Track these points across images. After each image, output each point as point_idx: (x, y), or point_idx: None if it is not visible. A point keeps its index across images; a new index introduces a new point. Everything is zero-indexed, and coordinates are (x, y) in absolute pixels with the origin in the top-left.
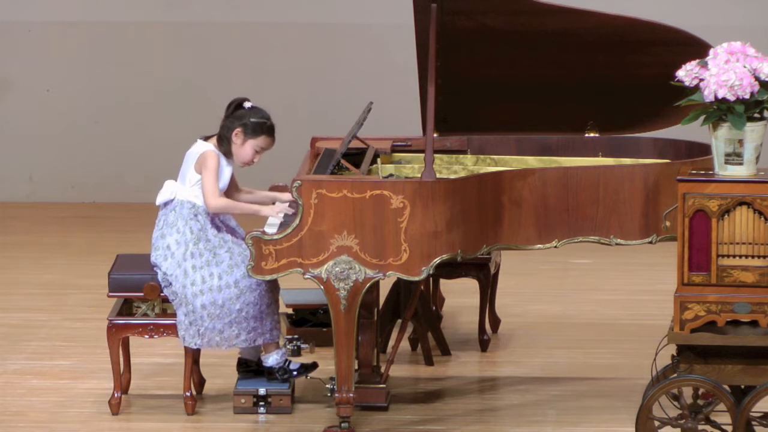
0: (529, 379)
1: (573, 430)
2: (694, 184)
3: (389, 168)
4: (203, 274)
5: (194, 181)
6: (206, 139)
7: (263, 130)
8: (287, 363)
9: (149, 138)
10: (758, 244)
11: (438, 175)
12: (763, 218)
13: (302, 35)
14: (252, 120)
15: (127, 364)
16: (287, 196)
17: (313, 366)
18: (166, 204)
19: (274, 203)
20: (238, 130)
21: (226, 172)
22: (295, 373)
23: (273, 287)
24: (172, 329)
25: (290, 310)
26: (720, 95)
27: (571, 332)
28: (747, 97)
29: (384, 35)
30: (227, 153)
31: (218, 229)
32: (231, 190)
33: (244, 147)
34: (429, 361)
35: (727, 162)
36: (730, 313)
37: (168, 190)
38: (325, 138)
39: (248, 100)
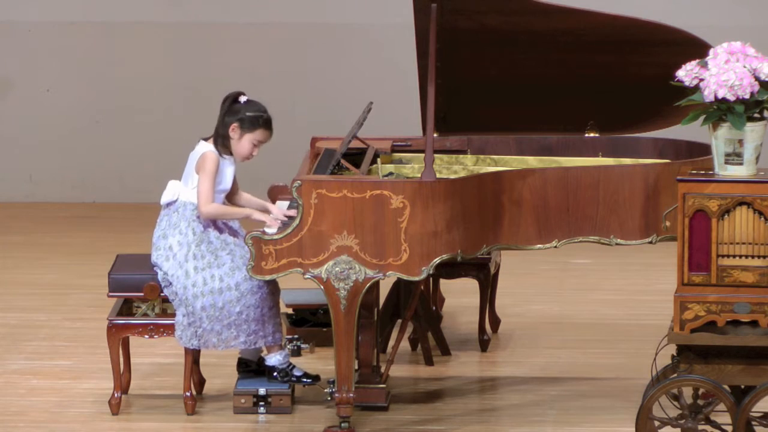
0: (529, 379)
1: (573, 430)
2: (694, 184)
3: (389, 168)
4: (204, 276)
5: (196, 182)
6: (207, 139)
7: (260, 123)
8: (291, 367)
9: (149, 138)
10: (758, 244)
11: (438, 175)
12: (763, 218)
13: (302, 35)
14: (248, 114)
15: (127, 364)
16: (276, 208)
17: (316, 378)
18: (168, 204)
19: (272, 198)
20: (234, 125)
21: (228, 173)
22: (294, 379)
23: (274, 290)
24: (171, 329)
25: (290, 310)
26: (720, 95)
27: (571, 332)
28: (747, 97)
29: (384, 35)
30: (225, 150)
31: (220, 231)
32: (230, 192)
33: (242, 142)
34: (429, 361)
35: (727, 162)
36: (730, 313)
37: (171, 191)
38: (325, 138)
39: (243, 94)
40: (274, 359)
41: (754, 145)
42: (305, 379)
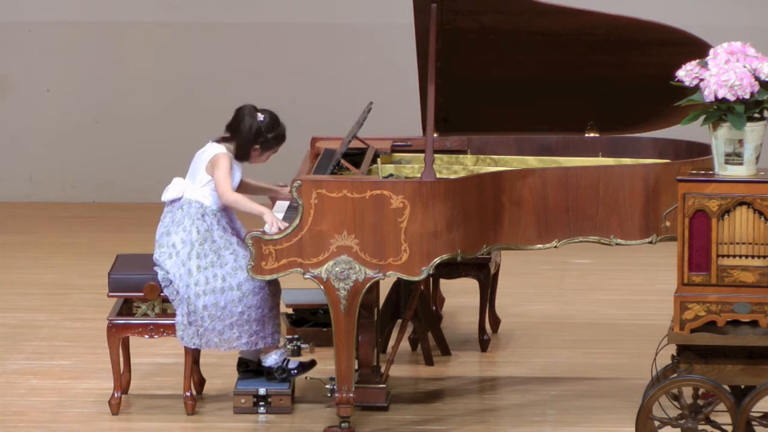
0: (529, 379)
1: (573, 430)
2: (694, 184)
3: (389, 168)
4: (207, 275)
5: (204, 181)
6: (219, 142)
7: (278, 141)
8: (285, 362)
9: (149, 138)
10: (758, 244)
11: (438, 175)
12: (763, 218)
13: (302, 35)
14: (269, 136)
15: (127, 364)
16: (285, 190)
17: (312, 364)
18: (173, 201)
19: (272, 198)
20: (257, 147)
21: (237, 175)
22: (294, 371)
23: (275, 291)
24: (172, 329)
25: (290, 310)
26: (720, 95)
27: (571, 332)
28: (747, 97)
29: (384, 35)
30: (241, 161)
31: (224, 230)
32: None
33: (263, 157)
34: (429, 361)
35: (727, 162)
36: (730, 313)
37: (176, 188)
38: (325, 138)
39: (257, 111)
40: (270, 359)
41: (754, 145)
42: (301, 369)
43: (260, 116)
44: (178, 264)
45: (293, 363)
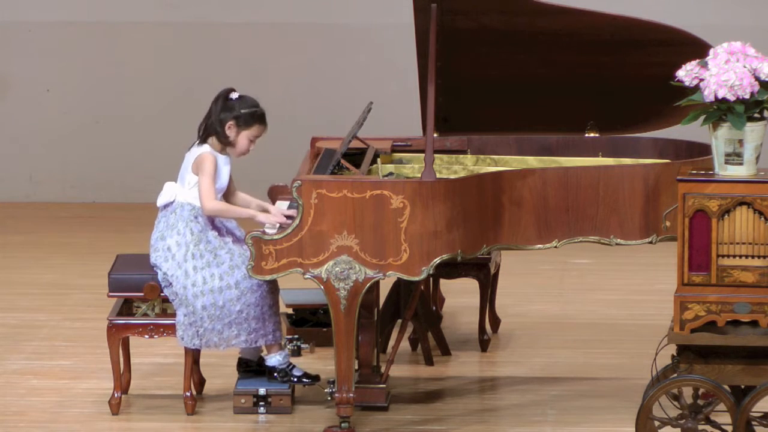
0: (529, 379)
1: (573, 430)
2: (694, 184)
3: (389, 168)
4: (204, 275)
5: (193, 183)
6: (204, 140)
7: (255, 119)
8: (291, 367)
9: (149, 138)
10: (758, 244)
11: (438, 175)
12: (763, 218)
13: (302, 35)
14: (243, 111)
15: (127, 364)
16: (275, 208)
17: (315, 378)
18: (165, 206)
19: (272, 198)
20: (230, 123)
21: (224, 172)
22: (295, 379)
23: (273, 289)
24: (172, 329)
25: (290, 310)
26: (720, 95)
27: (571, 332)
28: (747, 97)
29: (384, 35)
30: (222, 147)
31: (219, 230)
32: (227, 192)
33: (239, 138)
34: (429, 361)
35: (727, 162)
36: (730, 313)
37: (168, 192)
38: (325, 138)
39: (234, 90)
40: (274, 360)
41: (754, 145)
42: (305, 380)
43: (234, 94)
44: (174, 266)
45: (298, 371)
